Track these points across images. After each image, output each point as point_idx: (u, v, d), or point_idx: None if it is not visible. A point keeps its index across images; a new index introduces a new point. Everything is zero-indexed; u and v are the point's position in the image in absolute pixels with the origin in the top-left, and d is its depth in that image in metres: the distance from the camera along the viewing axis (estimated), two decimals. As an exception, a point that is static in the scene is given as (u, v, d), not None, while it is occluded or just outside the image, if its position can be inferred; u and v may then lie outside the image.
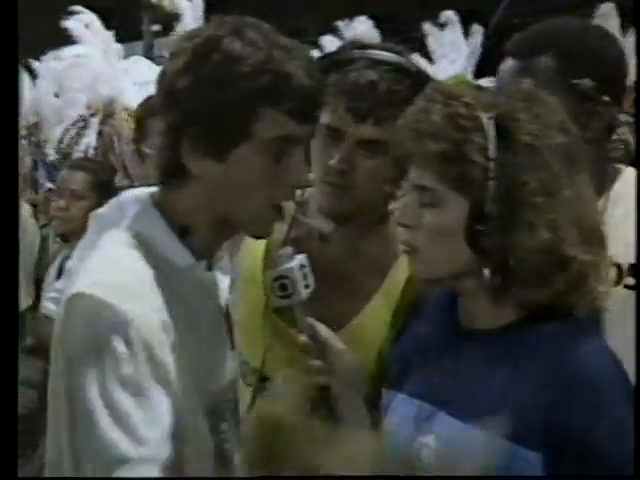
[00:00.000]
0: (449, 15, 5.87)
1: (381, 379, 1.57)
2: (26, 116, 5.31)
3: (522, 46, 1.63)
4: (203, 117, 1.24)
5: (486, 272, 1.27)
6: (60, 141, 4.99)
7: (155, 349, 1.21)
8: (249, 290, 1.68)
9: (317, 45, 5.23)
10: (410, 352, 1.43)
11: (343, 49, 1.66)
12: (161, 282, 1.26)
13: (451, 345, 1.35)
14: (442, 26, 5.93)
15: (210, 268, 1.38)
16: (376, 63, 1.57)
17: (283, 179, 1.28)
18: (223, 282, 1.48)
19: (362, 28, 5.69)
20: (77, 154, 4.79)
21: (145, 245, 1.29)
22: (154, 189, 1.35)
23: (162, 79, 1.28)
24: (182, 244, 1.30)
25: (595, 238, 1.28)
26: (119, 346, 1.18)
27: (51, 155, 5.03)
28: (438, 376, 1.33)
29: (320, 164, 1.60)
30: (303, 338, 1.45)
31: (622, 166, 1.68)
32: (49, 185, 5.04)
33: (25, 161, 5.09)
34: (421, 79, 1.57)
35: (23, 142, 5.13)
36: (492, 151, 1.23)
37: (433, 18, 5.89)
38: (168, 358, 1.23)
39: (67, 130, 4.97)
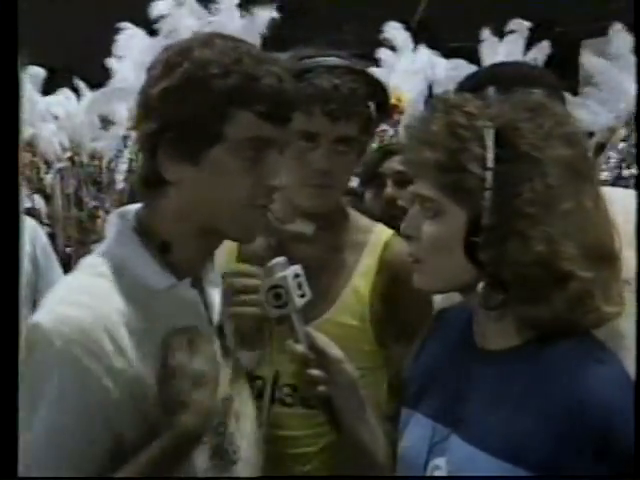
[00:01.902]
0: (519, 23, 5.70)
1: (375, 375, 1.68)
2: (72, 136, 5.40)
3: (467, 85, 1.71)
4: (176, 121, 1.25)
5: (479, 287, 1.23)
6: (109, 160, 5.06)
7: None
8: None
9: (362, 56, 5.16)
10: (428, 370, 1.39)
11: (291, 61, 1.67)
12: (131, 311, 1.24)
13: (466, 365, 1.31)
14: (501, 35, 5.83)
15: (198, 284, 1.36)
16: (331, 68, 1.67)
17: (260, 181, 1.27)
18: (215, 296, 1.43)
19: (398, 38, 5.59)
20: (121, 167, 4.84)
21: (120, 270, 1.27)
22: (141, 206, 1.35)
23: (140, 92, 1.29)
24: (161, 264, 1.29)
25: (601, 255, 1.22)
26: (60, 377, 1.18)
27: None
28: (453, 397, 1.29)
29: (299, 169, 1.67)
30: (300, 348, 1.40)
31: None
32: (94, 203, 5.13)
33: (70, 182, 5.17)
34: (368, 76, 1.71)
35: (67, 163, 5.23)
36: (490, 161, 1.21)
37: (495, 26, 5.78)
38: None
39: (120, 151, 5.04)
